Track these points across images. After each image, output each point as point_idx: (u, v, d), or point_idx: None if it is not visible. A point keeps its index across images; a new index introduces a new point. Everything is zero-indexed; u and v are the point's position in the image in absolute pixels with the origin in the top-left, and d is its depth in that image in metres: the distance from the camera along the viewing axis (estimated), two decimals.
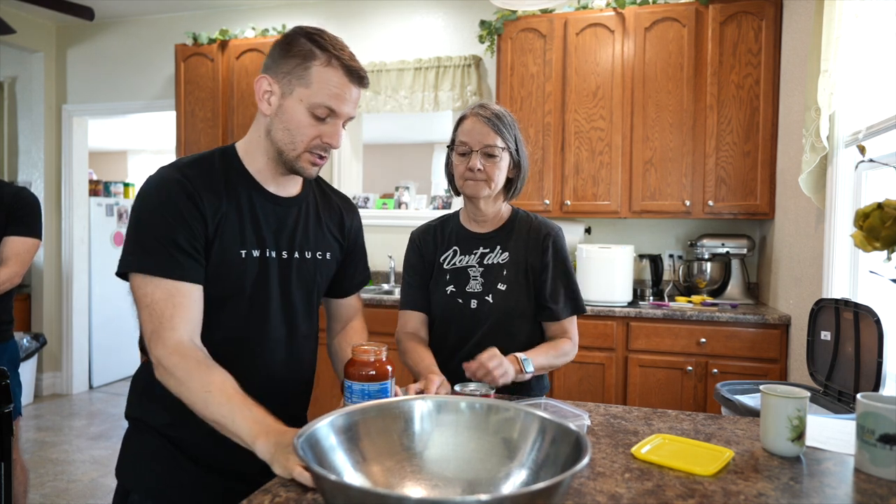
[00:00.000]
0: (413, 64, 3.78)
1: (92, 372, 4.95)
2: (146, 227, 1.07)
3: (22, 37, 4.39)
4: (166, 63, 4.39)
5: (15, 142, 4.70)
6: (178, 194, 1.07)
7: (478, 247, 1.56)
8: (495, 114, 1.48)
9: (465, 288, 1.53)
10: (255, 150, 1.17)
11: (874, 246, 1.00)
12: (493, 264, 1.53)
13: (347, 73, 1.11)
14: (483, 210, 1.54)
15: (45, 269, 4.63)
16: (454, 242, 1.58)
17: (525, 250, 1.54)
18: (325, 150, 1.14)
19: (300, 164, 1.14)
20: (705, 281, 3.22)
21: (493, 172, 1.47)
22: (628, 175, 3.21)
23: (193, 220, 1.08)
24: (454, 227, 1.61)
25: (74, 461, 3.40)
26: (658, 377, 2.87)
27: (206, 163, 1.15)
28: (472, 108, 1.51)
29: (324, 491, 0.68)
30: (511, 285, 1.51)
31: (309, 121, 1.10)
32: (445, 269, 1.56)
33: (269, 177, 1.18)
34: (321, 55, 1.09)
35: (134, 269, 1.06)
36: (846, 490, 0.90)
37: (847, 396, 1.75)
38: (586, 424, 1.12)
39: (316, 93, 1.08)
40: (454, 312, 1.52)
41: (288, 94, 1.10)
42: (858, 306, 1.73)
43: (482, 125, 1.46)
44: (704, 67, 3.10)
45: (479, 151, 1.45)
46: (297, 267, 1.21)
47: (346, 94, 1.11)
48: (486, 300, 1.51)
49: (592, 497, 0.86)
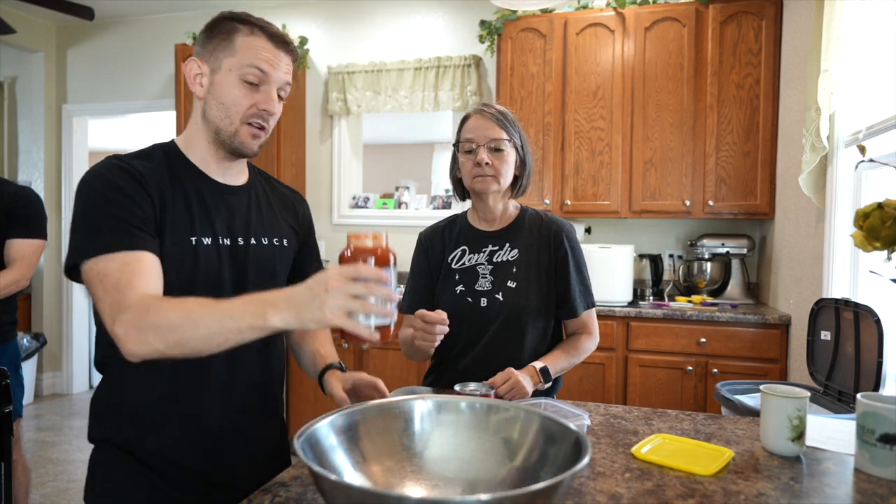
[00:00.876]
0: (413, 64, 3.78)
1: (92, 372, 4.95)
2: (92, 214, 0.99)
3: (22, 37, 4.38)
4: (166, 63, 4.39)
5: (15, 142, 4.70)
6: (122, 178, 1.02)
7: (486, 245, 1.55)
8: (499, 111, 1.50)
9: (475, 286, 1.52)
10: (195, 138, 1.14)
11: (874, 246, 1.00)
12: (503, 262, 1.53)
13: (270, 37, 1.09)
14: (492, 207, 1.54)
15: (45, 269, 4.63)
16: (462, 241, 1.58)
17: (536, 247, 1.53)
18: (263, 118, 1.10)
19: (239, 139, 1.10)
20: (705, 281, 3.22)
21: (500, 167, 1.47)
22: (628, 175, 3.21)
23: (141, 200, 1.02)
24: (462, 226, 1.61)
25: (74, 461, 3.40)
26: (658, 377, 2.87)
27: (146, 155, 1.11)
28: (475, 107, 1.52)
29: (324, 491, 0.68)
30: (521, 282, 1.50)
31: (241, 90, 1.07)
32: (454, 269, 1.55)
33: (213, 164, 1.14)
34: (243, 27, 1.08)
35: (85, 255, 0.97)
36: (846, 490, 0.90)
37: (847, 396, 1.75)
38: (586, 424, 1.12)
39: (243, 58, 1.07)
40: (464, 311, 1.51)
41: (217, 69, 1.08)
42: (858, 306, 1.73)
43: (487, 121, 1.48)
44: (704, 67, 3.10)
45: (485, 146, 1.46)
46: (253, 254, 1.15)
47: (274, 57, 1.08)
48: (496, 298, 1.50)
49: (592, 497, 0.86)
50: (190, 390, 1.08)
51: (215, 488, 1.09)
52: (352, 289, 0.79)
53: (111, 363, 1.09)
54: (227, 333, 0.86)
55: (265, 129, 1.12)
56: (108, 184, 1.01)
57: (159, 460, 1.07)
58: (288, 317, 0.82)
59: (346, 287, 0.79)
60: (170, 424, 1.07)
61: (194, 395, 1.08)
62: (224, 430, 1.11)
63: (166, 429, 1.07)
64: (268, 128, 1.12)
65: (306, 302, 0.81)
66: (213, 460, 1.10)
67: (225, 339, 0.87)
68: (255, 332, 0.85)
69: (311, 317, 0.81)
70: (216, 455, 1.11)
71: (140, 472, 1.07)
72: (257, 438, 1.17)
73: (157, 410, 1.07)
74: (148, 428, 1.07)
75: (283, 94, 1.13)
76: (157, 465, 1.07)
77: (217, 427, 1.10)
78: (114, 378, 1.10)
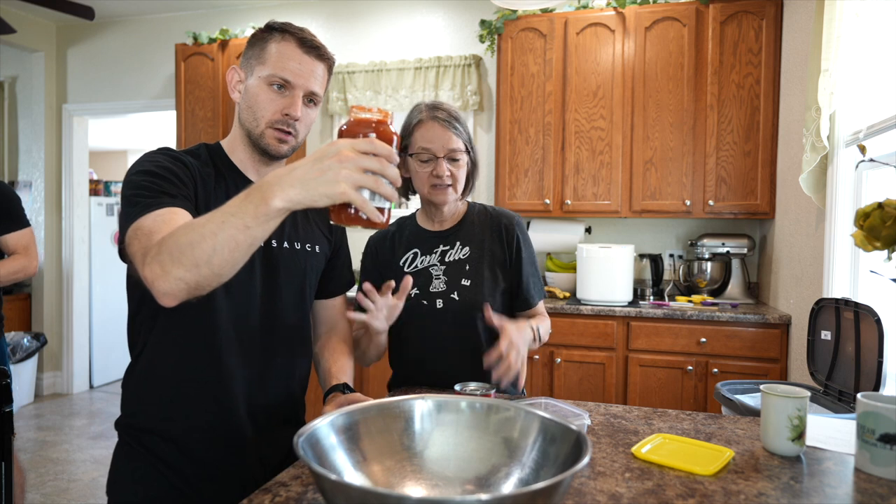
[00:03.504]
0: (413, 63, 3.78)
1: (92, 371, 4.96)
2: (137, 189, 1.00)
3: (22, 36, 4.39)
4: (166, 62, 4.39)
5: (15, 141, 4.70)
6: (170, 161, 1.06)
7: (437, 245, 1.52)
8: (452, 115, 1.43)
9: (429, 288, 1.48)
10: (235, 140, 1.19)
11: (874, 245, 1.00)
12: (455, 260, 1.50)
13: (300, 43, 1.13)
14: (445, 213, 1.52)
15: (45, 269, 4.63)
16: (413, 244, 1.54)
17: (489, 242, 1.51)
18: (288, 124, 1.13)
19: (266, 141, 1.14)
20: (706, 280, 3.22)
21: (458, 175, 1.44)
22: (628, 175, 3.21)
23: (186, 179, 1.06)
24: (412, 228, 1.57)
25: (75, 460, 3.40)
26: (658, 377, 2.87)
27: (193, 151, 1.17)
28: (425, 110, 1.44)
29: (324, 490, 0.67)
30: (475, 279, 1.48)
31: (268, 95, 1.12)
32: (406, 273, 1.49)
33: (251, 167, 1.19)
34: (276, 34, 1.14)
35: (129, 224, 0.96)
36: (846, 490, 0.90)
37: (847, 396, 1.75)
38: (586, 424, 1.12)
39: (271, 66, 1.12)
40: (420, 314, 1.47)
41: (250, 76, 1.15)
42: (859, 306, 1.73)
43: (443, 129, 1.41)
44: (705, 67, 3.10)
45: (444, 158, 1.41)
46: (285, 258, 1.19)
47: (302, 64, 1.13)
48: (451, 298, 1.47)
49: (593, 496, 0.86)
50: (218, 378, 1.11)
51: (229, 483, 1.11)
52: (366, 162, 0.74)
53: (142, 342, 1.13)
54: (233, 232, 0.79)
55: (292, 133, 1.15)
56: (154, 163, 1.05)
57: (185, 450, 1.10)
58: (294, 194, 0.76)
59: (361, 160, 0.74)
60: (197, 411, 1.11)
61: (222, 385, 1.11)
62: (246, 427, 1.14)
63: (193, 416, 1.10)
64: (295, 133, 1.15)
65: (314, 175, 0.75)
66: (233, 455, 1.13)
67: (235, 243, 0.80)
68: (260, 221, 0.78)
69: (324, 191, 0.75)
70: (238, 450, 1.14)
71: (161, 470, 1.10)
72: (278, 439, 1.18)
73: (186, 396, 1.10)
74: (175, 411, 1.10)
75: (315, 101, 1.17)
76: (181, 454, 1.10)
77: (241, 421, 1.13)
78: (144, 360, 1.13)
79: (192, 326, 1.09)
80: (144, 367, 1.13)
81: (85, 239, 4.83)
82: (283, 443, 1.18)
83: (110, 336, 5.09)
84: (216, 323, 1.10)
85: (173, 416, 1.10)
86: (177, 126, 4.02)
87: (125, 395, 1.17)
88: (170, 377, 1.11)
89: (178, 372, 1.10)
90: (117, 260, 5.34)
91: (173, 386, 1.11)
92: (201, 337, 1.10)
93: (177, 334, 1.10)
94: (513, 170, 3.38)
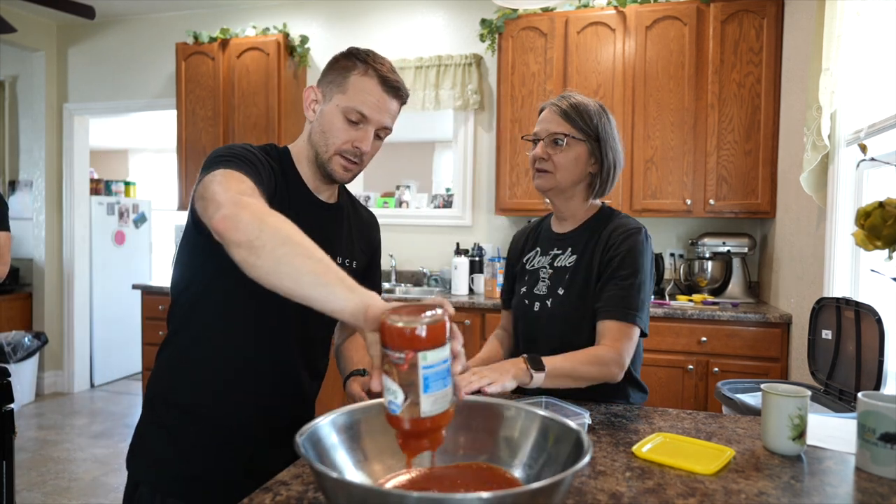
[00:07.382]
0: (414, 62, 3.78)
1: (93, 370, 4.96)
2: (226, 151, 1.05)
3: (23, 36, 4.39)
4: (167, 62, 4.39)
5: (16, 141, 4.71)
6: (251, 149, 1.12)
7: (553, 248, 1.47)
8: (572, 104, 1.39)
9: (534, 290, 1.46)
10: (301, 153, 1.24)
11: (875, 245, 1.00)
12: (560, 267, 1.44)
13: (382, 82, 1.17)
14: (559, 206, 1.46)
15: (46, 268, 4.64)
16: (539, 243, 1.53)
17: (591, 252, 1.40)
18: (356, 155, 1.18)
19: (331, 167, 1.19)
20: (706, 280, 3.22)
21: (558, 160, 1.37)
22: (629, 173, 3.20)
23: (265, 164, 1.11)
24: (545, 226, 1.55)
25: (76, 460, 3.41)
26: (659, 376, 2.87)
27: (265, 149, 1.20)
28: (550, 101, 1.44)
29: (325, 489, 0.68)
30: (570, 290, 1.39)
31: (342, 125, 1.16)
32: (527, 270, 1.51)
33: (312, 181, 1.24)
34: (360, 65, 1.16)
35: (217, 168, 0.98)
36: (847, 489, 0.90)
37: (848, 395, 1.75)
38: (587, 423, 1.12)
39: (350, 98, 1.15)
40: (521, 313, 1.48)
41: (328, 101, 1.18)
42: (860, 305, 1.73)
43: (553, 115, 1.40)
44: (706, 66, 3.09)
45: (545, 140, 1.40)
46: None
47: (380, 102, 1.17)
48: (545, 304, 1.42)
49: (593, 496, 0.86)
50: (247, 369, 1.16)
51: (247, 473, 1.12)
52: None
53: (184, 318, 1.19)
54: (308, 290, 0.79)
55: (358, 164, 1.20)
56: (239, 147, 1.10)
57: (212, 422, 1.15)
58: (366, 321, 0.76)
59: None
60: (226, 393, 1.16)
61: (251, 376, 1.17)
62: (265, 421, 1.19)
63: (223, 392, 1.16)
64: (360, 163, 1.21)
65: None
66: (252, 446, 1.18)
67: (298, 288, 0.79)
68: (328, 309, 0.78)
69: None
70: (259, 441, 1.18)
71: (184, 446, 1.14)
72: None
73: (217, 379, 1.16)
74: (207, 384, 1.15)
75: (384, 134, 1.23)
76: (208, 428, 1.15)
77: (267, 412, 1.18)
78: (183, 338, 1.18)
79: (233, 314, 1.15)
80: (184, 344, 1.18)
81: (86, 238, 4.83)
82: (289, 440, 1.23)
83: (111, 335, 5.09)
84: (256, 314, 1.15)
85: (206, 389, 1.15)
86: (177, 125, 4.02)
87: (158, 366, 1.21)
88: (206, 358, 1.16)
89: (214, 354, 1.16)
90: (118, 259, 5.37)
91: (209, 366, 1.16)
92: (241, 322, 1.16)
93: (214, 319, 1.16)
94: (513, 169, 3.38)
